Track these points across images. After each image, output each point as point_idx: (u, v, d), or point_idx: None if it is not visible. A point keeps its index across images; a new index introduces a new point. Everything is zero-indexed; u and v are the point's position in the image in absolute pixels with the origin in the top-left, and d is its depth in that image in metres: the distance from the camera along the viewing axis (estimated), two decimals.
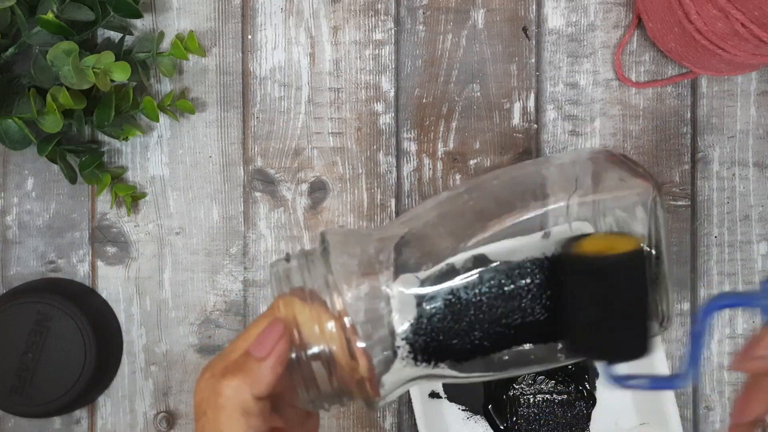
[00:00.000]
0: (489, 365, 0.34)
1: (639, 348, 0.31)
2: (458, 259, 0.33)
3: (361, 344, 0.31)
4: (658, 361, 0.54)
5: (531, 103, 0.59)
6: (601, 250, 0.31)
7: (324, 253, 0.34)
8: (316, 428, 0.37)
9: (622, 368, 0.33)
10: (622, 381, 0.32)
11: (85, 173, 0.56)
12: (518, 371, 0.35)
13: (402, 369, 0.33)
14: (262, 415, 0.31)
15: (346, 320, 0.32)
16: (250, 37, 0.59)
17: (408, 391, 0.57)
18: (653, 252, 0.33)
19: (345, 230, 0.37)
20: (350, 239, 0.35)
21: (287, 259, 0.35)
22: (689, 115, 0.59)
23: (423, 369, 0.33)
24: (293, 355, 0.32)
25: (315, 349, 0.32)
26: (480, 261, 0.33)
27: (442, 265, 0.33)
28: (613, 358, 0.32)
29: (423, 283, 0.33)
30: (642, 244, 0.32)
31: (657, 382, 0.32)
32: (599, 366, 0.33)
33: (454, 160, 0.59)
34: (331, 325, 0.32)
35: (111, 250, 0.59)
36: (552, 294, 0.32)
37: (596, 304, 0.31)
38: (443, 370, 0.34)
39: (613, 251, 0.31)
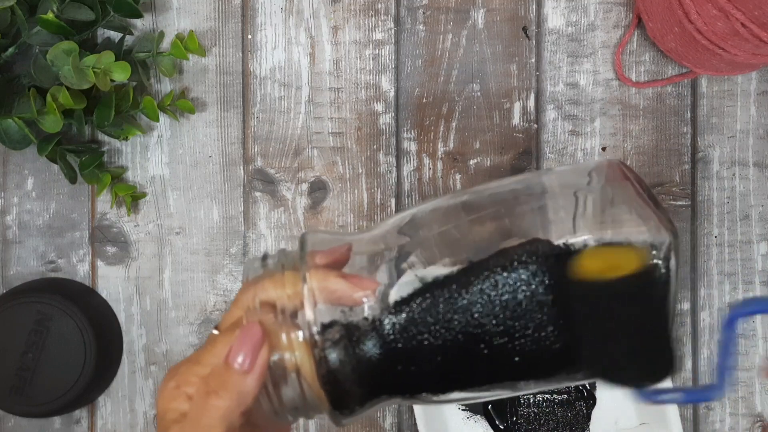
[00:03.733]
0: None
1: (668, 366, 0.29)
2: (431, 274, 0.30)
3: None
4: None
5: (531, 103, 0.59)
6: (607, 268, 0.28)
7: (301, 257, 0.32)
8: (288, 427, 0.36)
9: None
10: (654, 396, 0.30)
11: (85, 173, 0.56)
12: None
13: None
14: (242, 427, 0.31)
15: (315, 329, 0.30)
16: (250, 37, 0.59)
17: None
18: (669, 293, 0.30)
19: (326, 231, 0.35)
20: (331, 241, 0.33)
21: (264, 258, 0.33)
22: (689, 115, 0.59)
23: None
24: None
25: (277, 356, 0.30)
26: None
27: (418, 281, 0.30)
28: (646, 382, 0.30)
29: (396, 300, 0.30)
30: (650, 255, 0.29)
31: (691, 395, 0.31)
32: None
33: (454, 160, 0.59)
34: (299, 333, 0.30)
35: (111, 250, 0.59)
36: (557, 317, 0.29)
37: (617, 331, 0.29)
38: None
39: (622, 271, 0.28)
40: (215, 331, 0.33)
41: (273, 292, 0.31)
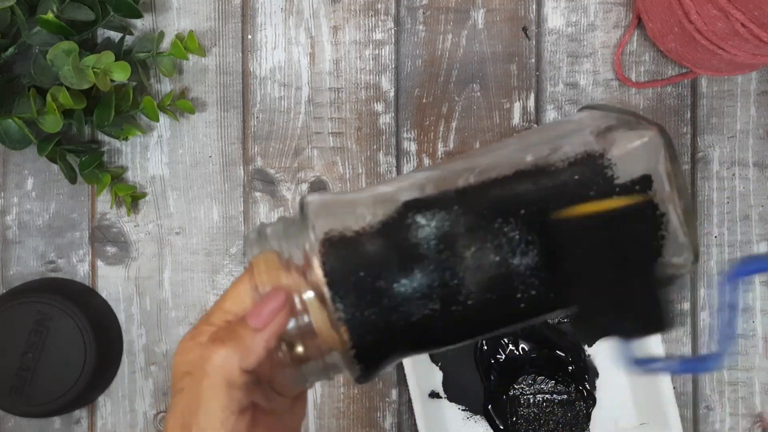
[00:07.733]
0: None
1: (661, 319, 0.27)
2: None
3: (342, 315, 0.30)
4: (653, 344, 0.54)
5: (531, 103, 0.59)
6: (602, 208, 0.27)
7: (303, 219, 0.32)
8: (303, 411, 0.36)
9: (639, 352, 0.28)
10: (644, 364, 0.28)
11: (85, 173, 0.56)
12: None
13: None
14: (246, 388, 0.30)
15: (326, 290, 0.30)
16: (250, 37, 0.59)
17: (408, 391, 0.57)
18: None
19: (327, 193, 0.35)
20: (332, 203, 0.33)
21: (263, 227, 0.33)
22: (689, 115, 0.59)
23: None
24: None
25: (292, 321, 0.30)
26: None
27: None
28: (632, 332, 0.28)
29: None
30: (649, 195, 0.28)
31: (687, 365, 0.28)
32: (617, 349, 0.29)
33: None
34: (309, 294, 0.30)
35: (111, 250, 0.59)
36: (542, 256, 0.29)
37: (605, 272, 0.27)
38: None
39: (615, 206, 0.27)
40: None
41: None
